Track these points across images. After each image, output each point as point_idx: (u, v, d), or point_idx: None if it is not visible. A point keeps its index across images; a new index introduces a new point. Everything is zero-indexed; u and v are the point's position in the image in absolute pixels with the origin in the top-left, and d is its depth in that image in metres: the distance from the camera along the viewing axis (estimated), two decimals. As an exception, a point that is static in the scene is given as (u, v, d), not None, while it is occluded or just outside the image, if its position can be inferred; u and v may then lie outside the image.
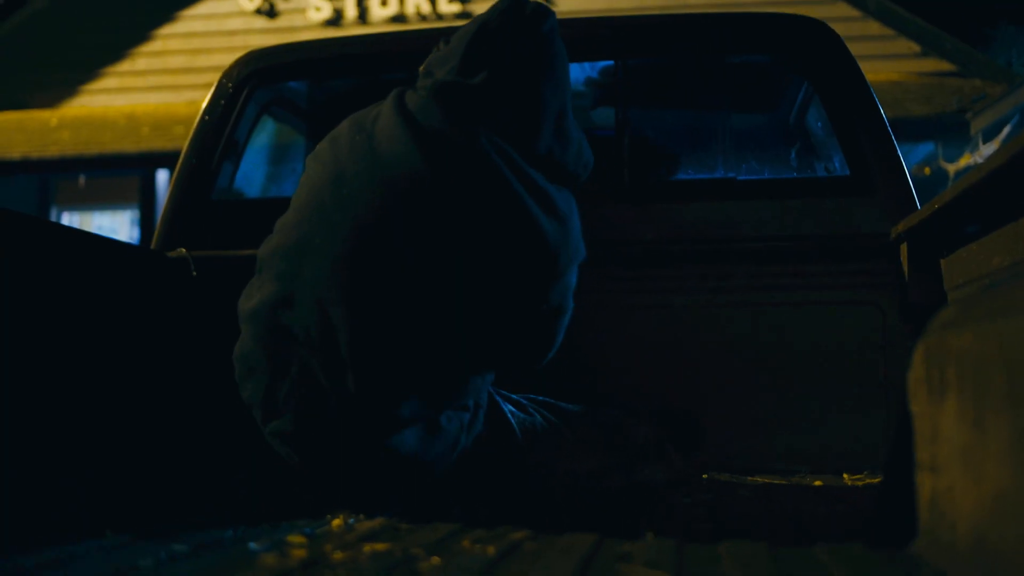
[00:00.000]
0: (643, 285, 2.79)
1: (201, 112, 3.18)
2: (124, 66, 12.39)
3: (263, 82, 3.22)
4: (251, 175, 3.61)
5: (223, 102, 3.16)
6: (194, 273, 2.74)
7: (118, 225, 12.72)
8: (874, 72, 9.61)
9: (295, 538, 1.53)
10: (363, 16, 11.90)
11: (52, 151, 10.83)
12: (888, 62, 10.61)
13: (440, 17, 11.71)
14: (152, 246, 3.00)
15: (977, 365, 1.13)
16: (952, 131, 9.66)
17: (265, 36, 11.63)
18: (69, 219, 12.84)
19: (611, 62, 3.17)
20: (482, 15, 2.10)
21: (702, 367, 2.74)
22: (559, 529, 1.62)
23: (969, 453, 1.13)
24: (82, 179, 12.11)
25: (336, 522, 1.75)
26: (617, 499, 2.22)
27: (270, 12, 12.15)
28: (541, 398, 2.44)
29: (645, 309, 2.78)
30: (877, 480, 2.37)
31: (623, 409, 2.52)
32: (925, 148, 10.33)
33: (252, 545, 1.44)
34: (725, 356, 2.73)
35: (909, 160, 9.91)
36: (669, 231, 2.81)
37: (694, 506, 2.07)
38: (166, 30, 12.34)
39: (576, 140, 2.18)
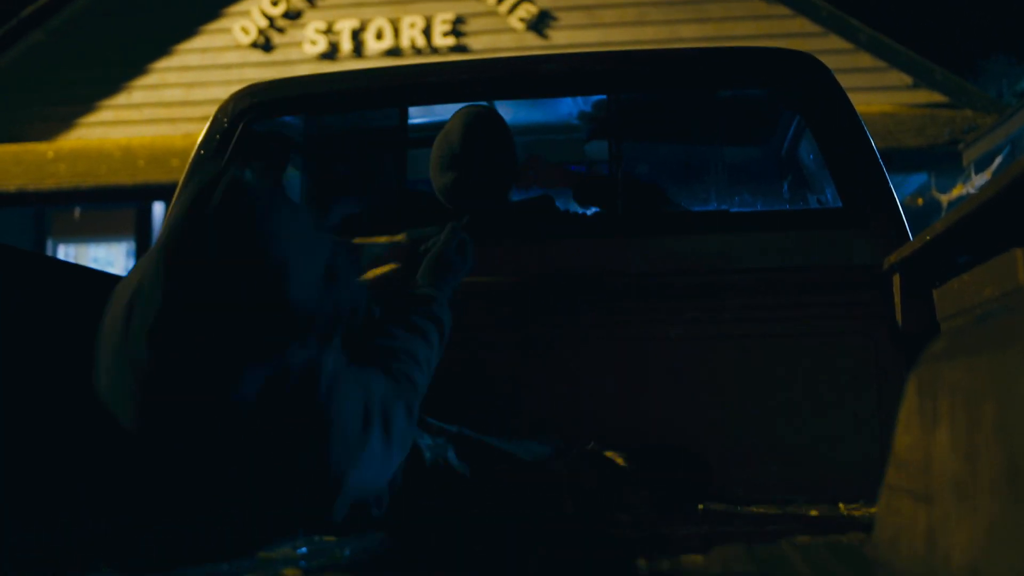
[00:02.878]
0: (635, 317, 2.79)
1: (196, 146, 3.19)
2: (120, 99, 12.46)
3: (258, 117, 3.24)
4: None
5: (218, 136, 3.18)
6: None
7: (114, 257, 12.74)
8: (866, 104, 9.69)
9: (291, 572, 1.53)
10: (358, 50, 11.99)
11: (49, 183, 10.87)
12: (880, 94, 10.69)
13: (435, 50, 11.81)
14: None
15: (969, 396, 1.14)
16: (944, 162, 9.73)
17: (261, 69, 11.70)
18: (65, 251, 12.86)
19: (604, 96, 3.20)
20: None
21: (696, 399, 2.74)
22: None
23: (962, 484, 1.14)
24: (78, 211, 12.13)
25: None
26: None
27: (266, 46, 12.24)
28: (458, 428, 2.36)
29: (637, 341, 2.79)
30: (873, 509, 2.37)
31: (552, 443, 2.47)
32: (918, 179, 10.40)
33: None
34: (719, 388, 2.74)
35: (902, 191, 9.97)
36: (662, 264, 2.82)
37: (687, 538, 2.06)
38: (162, 63, 12.42)
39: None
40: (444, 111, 3.50)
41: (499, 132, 2.97)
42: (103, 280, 2.06)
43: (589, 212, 3.26)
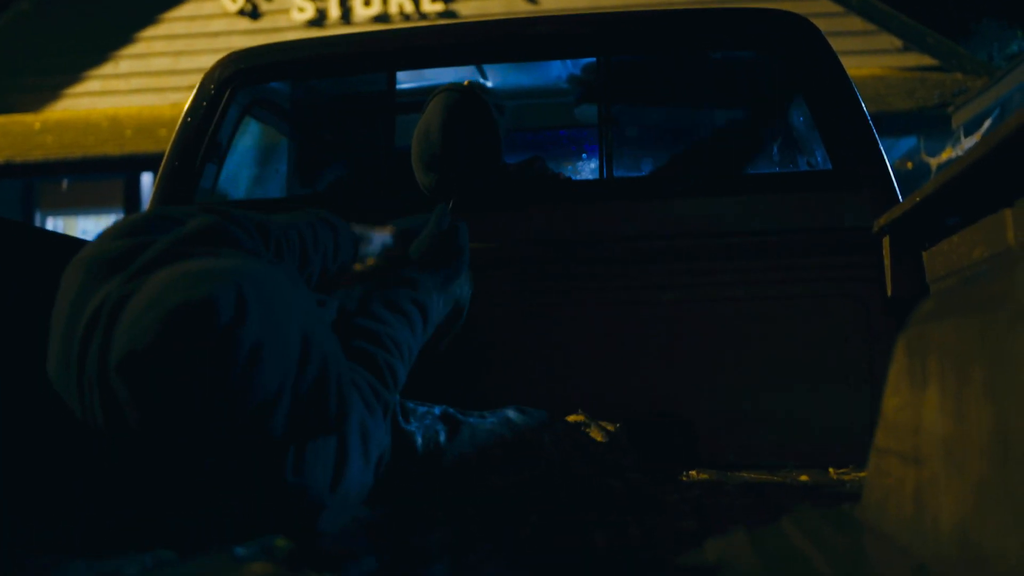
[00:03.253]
0: (626, 282, 2.79)
1: (183, 114, 3.17)
2: (107, 69, 12.36)
3: (245, 83, 3.21)
4: (234, 176, 3.60)
5: (205, 104, 3.15)
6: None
7: (103, 228, 12.68)
8: (856, 67, 9.66)
9: (282, 542, 1.53)
10: (346, 16, 11.89)
11: (36, 155, 10.80)
12: (870, 57, 10.66)
13: (423, 16, 11.72)
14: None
15: (958, 357, 1.13)
16: (934, 125, 9.72)
17: (248, 37, 11.61)
18: (53, 223, 12.79)
19: (593, 59, 3.18)
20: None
21: (686, 363, 2.74)
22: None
23: (951, 445, 1.14)
24: (65, 183, 12.06)
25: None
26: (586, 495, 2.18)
27: (253, 13, 12.13)
28: (442, 408, 2.33)
29: (628, 305, 2.78)
30: (863, 474, 2.38)
31: (535, 415, 2.46)
32: (908, 142, 10.38)
33: (238, 550, 1.43)
34: (710, 352, 2.74)
35: (892, 154, 9.96)
36: (652, 227, 2.81)
37: (680, 503, 2.07)
38: (149, 32, 12.31)
39: None
40: (432, 75, 3.47)
41: (481, 121, 2.87)
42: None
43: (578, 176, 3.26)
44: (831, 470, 2.52)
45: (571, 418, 2.51)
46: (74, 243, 2.15)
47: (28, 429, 1.84)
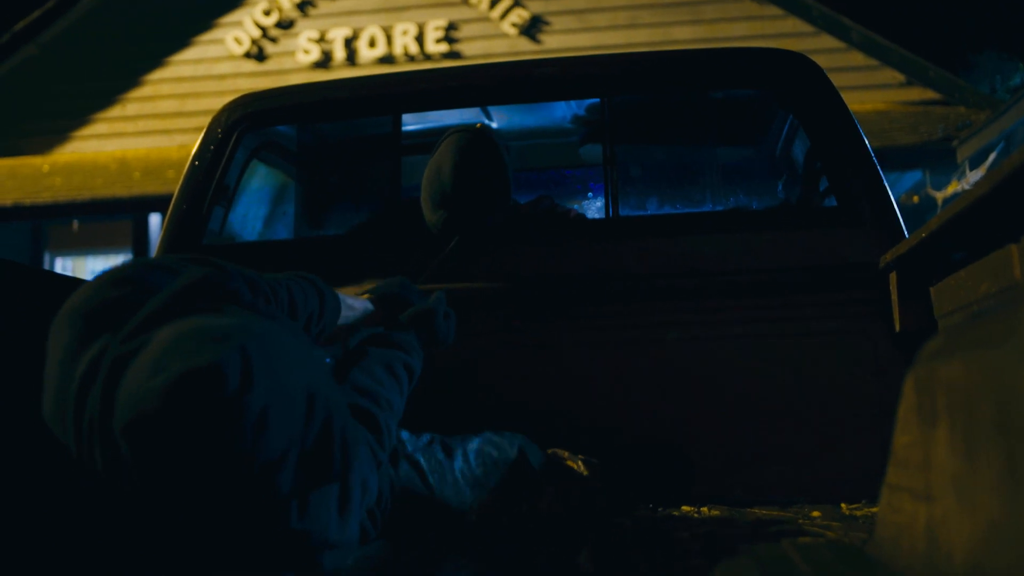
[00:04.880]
0: (632, 320, 2.79)
1: (191, 157, 3.19)
2: (115, 111, 12.46)
3: (252, 127, 3.24)
4: (242, 219, 3.62)
5: (212, 147, 3.18)
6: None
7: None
8: (859, 102, 9.72)
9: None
10: (351, 58, 12.00)
11: (44, 197, 10.86)
12: (873, 92, 10.72)
13: (428, 57, 11.83)
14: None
15: (967, 394, 1.14)
16: (939, 159, 9.74)
17: (254, 79, 11.73)
18: (62, 264, 12.85)
19: (597, 99, 3.20)
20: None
21: (695, 401, 2.74)
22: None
23: (962, 482, 1.14)
24: (76, 224, 12.13)
25: None
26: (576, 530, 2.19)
27: (259, 56, 12.25)
28: (430, 436, 2.38)
29: (634, 344, 2.78)
30: (874, 509, 2.36)
31: (516, 439, 2.48)
32: (912, 176, 10.41)
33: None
34: (718, 389, 2.73)
35: (897, 189, 9.98)
36: (657, 265, 2.81)
37: (690, 539, 2.06)
38: (156, 75, 12.43)
39: None
40: (439, 118, 3.50)
41: (492, 162, 2.88)
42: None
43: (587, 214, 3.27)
44: (843, 505, 2.51)
45: (551, 451, 2.52)
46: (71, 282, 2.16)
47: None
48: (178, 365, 1.34)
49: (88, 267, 12.90)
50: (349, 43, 12.03)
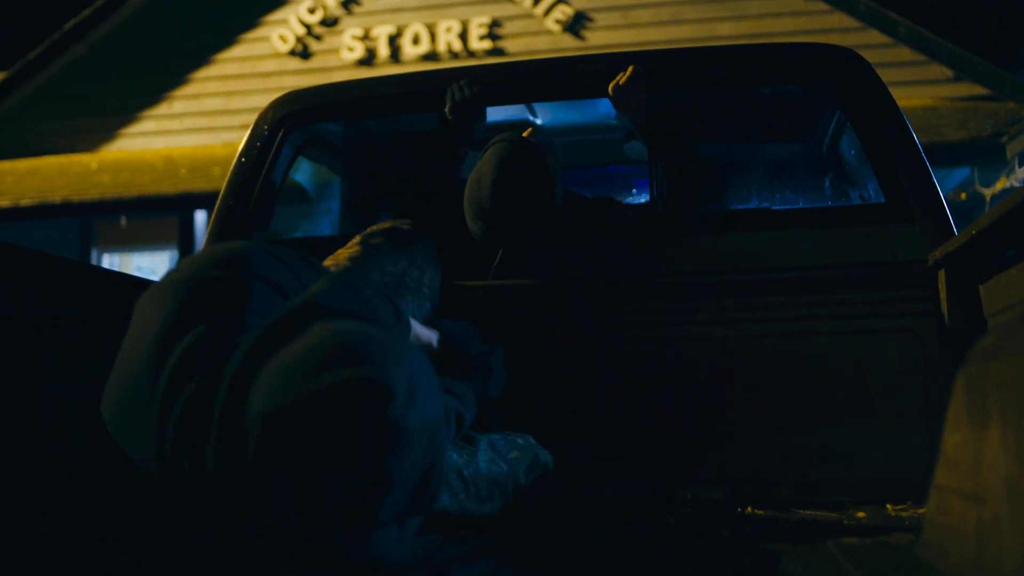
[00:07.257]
0: (679, 317, 2.78)
1: (238, 154, 3.23)
2: (161, 109, 12.61)
3: (298, 123, 3.27)
4: (287, 214, 3.66)
5: (259, 144, 3.21)
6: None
7: (157, 265, 12.88)
8: (907, 98, 9.58)
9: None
10: (395, 55, 12.04)
11: (92, 194, 11.02)
12: (921, 87, 10.57)
13: (472, 54, 11.84)
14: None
15: (1019, 393, 1.12)
16: (988, 155, 9.59)
17: (299, 77, 11.81)
18: (109, 260, 13.02)
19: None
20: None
21: (742, 399, 2.72)
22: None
23: (1014, 483, 1.12)
24: (124, 220, 12.29)
25: None
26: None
27: (304, 53, 12.33)
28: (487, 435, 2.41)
29: (682, 341, 2.77)
30: (921, 510, 2.34)
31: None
32: (961, 173, 10.25)
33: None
34: (765, 387, 2.72)
35: (945, 185, 9.85)
36: (704, 263, 2.80)
37: (735, 539, 2.05)
38: (202, 73, 12.56)
39: None
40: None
41: (533, 174, 2.83)
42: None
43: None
44: (888, 506, 2.48)
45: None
46: (130, 281, 2.19)
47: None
48: (349, 370, 1.33)
49: (134, 263, 13.06)
50: (393, 40, 12.07)
